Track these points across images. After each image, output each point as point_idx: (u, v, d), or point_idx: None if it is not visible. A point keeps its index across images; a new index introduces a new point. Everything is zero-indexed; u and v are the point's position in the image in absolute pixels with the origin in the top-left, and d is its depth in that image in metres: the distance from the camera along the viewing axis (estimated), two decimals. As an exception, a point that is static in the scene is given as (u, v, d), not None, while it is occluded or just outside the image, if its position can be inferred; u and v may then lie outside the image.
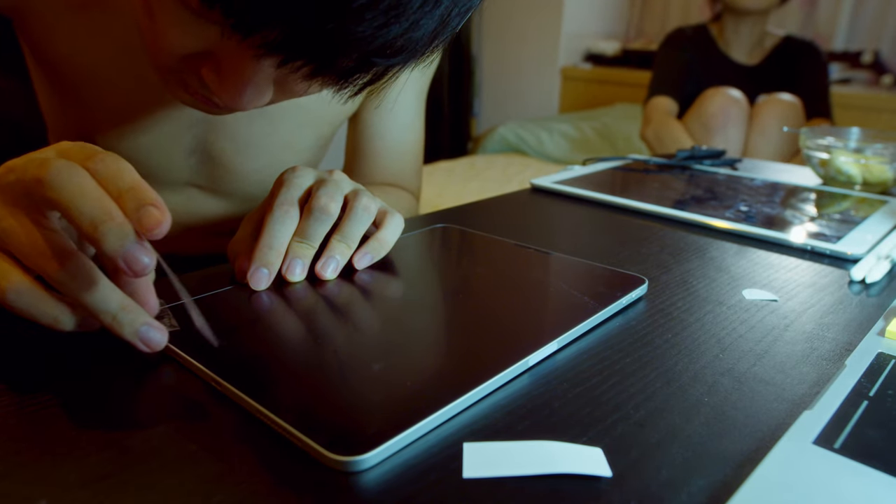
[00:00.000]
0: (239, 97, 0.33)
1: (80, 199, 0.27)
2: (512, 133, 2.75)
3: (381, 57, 0.30)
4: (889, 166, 0.69)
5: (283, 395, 0.27)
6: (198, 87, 0.35)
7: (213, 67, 0.33)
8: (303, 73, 0.30)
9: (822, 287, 0.43)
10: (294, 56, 0.29)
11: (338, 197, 0.41)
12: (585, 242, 0.51)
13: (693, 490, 0.23)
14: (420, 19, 0.28)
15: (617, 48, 3.04)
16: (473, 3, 0.31)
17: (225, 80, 0.32)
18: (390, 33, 0.28)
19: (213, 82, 0.33)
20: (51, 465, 0.24)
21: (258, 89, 0.33)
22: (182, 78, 0.35)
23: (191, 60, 0.33)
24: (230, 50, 0.31)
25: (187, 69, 0.34)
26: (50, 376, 0.30)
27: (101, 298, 0.29)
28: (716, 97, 1.55)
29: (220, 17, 0.28)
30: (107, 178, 0.28)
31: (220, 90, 0.33)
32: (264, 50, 0.29)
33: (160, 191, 0.58)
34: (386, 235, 0.43)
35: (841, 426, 0.26)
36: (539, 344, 0.32)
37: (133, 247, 0.27)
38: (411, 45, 0.29)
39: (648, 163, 0.82)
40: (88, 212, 0.27)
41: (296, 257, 0.39)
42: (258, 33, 0.28)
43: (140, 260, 0.27)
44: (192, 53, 0.33)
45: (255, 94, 0.33)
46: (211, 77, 0.33)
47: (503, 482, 0.23)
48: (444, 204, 2.02)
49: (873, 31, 2.58)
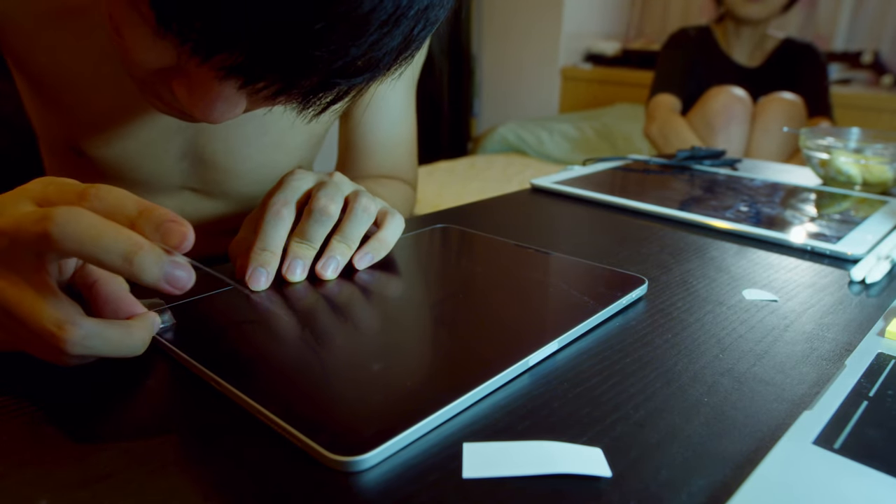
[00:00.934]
0: (209, 112, 0.32)
1: (102, 241, 0.26)
2: (512, 133, 2.75)
3: (343, 77, 0.29)
4: (889, 166, 0.69)
5: (284, 395, 0.27)
6: (171, 100, 0.35)
7: (183, 82, 0.32)
8: (265, 94, 0.30)
9: (822, 287, 0.43)
10: (255, 78, 0.29)
11: (337, 198, 0.41)
12: (585, 242, 0.51)
13: (693, 490, 0.23)
14: (381, 39, 0.28)
15: (617, 48, 3.04)
16: (439, 17, 0.30)
17: (194, 95, 0.32)
18: (350, 54, 0.28)
19: (183, 97, 0.32)
20: (51, 465, 0.24)
21: (229, 103, 0.32)
22: (156, 90, 0.35)
23: (161, 74, 0.33)
24: (196, 67, 0.30)
25: (159, 82, 0.34)
26: (50, 376, 0.29)
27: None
28: (720, 95, 1.56)
29: (178, 40, 0.27)
30: (111, 210, 0.27)
31: (190, 105, 0.32)
32: (225, 72, 0.28)
33: (154, 196, 0.58)
34: (386, 236, 0.43)
35: (841, 426, 0.26)
36: (539, 344, 0.32)
37: (171, 268, 0.27)
38: (373, 63, 0.29)
39: (648, 163, 0.82)
40: (115, 249, 0.26)
41: (296, 258, 0.39)
42: (217, 56, 0.27)
43: (181, 278, 0.27)
44: (161, 68, 0.32)
45: (226, 108, 0.32)
46: (181, 92, 0.32)
47: (503, 482, 0.23)
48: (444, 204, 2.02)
49: (873, 32, 2.58)
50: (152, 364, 0.31)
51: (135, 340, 0.29)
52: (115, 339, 0.28)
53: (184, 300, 0.36)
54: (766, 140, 1.54)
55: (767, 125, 1.53)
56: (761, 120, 1.55)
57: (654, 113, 1.66)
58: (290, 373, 0.29)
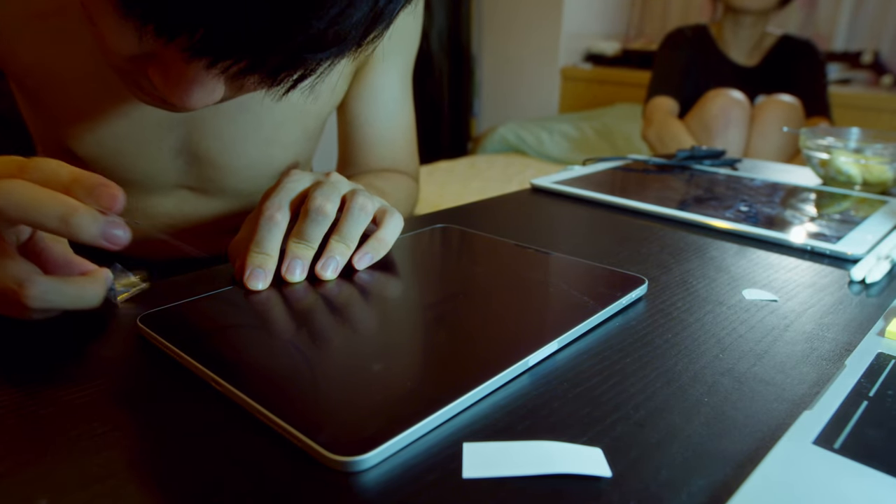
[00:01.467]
0: (187, 97, 0.33)
1: (40, 206, 0.29)
2: (512, 133, 2.75)
3: (310, 52, 0.30)
4: (889, 166, 0.69)
5: (283, 394, 0.27)
6: (150, 88, 0.35)
7: (158, 69, 0.33)
8: (233, 73, 0.30)
9: (822, 287, 0.43)
10: (222, 56, 0.29)
11: (334, 197, 0.41)
12: (585, 242, 0.51)
13: (693, 490, 0.23)
14: (343, 11, 0.28)
15: (617, 48, 3.04)
16: None
17: (170, 81, 0.32)
18: (313, 27, 0.28)
19: (159, 84, 0.33)
20: (51, 465, 0.24)
21: (205, 88, 0.33)
22: (136, 79, 0.36)
23: (137, 62, 0.33)
24: (164, 49, 0.31)
25: (136, 71, 0.34)
26: (50, 376, 0.30)
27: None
28: (717, 99, 1.55)
29: (140, 21, 0.28)
30: (47, 179, 0.30)
31: (167, 91, 0.33)
32: (190, 52, 0.29)
33: (151, 195, 0.58)
34: (385, 235, 0.43)
35: (841, 426, 0.26)
36: (539, 344, 0.32)
37: (108, 227, 0.29)
38: (341, 37, 0.29)
39: (648, 163, 0.82)
40: (52, 213, 0.29)
41: (295, 258, 0.39)
42: (180, 36, 0.28)
43: (119, 236, 0.30)
44: (136, 55, 0.33)
45: (203, 94, 0.33)
46: (157, 79, 0.33)
47: (503, 482, 0.23)
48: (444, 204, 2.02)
49: (873, 31, 2.58)
50: (152, 364, 0.31)
51: (88, 293, 0.33)
52: (71, 292, 0.32)
53: (184, 300, 0.36)
54: (763, 143, 1.54)
55: (765, 128, 1.53)
56: (759, 123, 1.55)
57: (652, 116, 1.66)
58: (289, 373, 0.29)
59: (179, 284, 0.40)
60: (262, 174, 0.59)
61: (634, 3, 3.21)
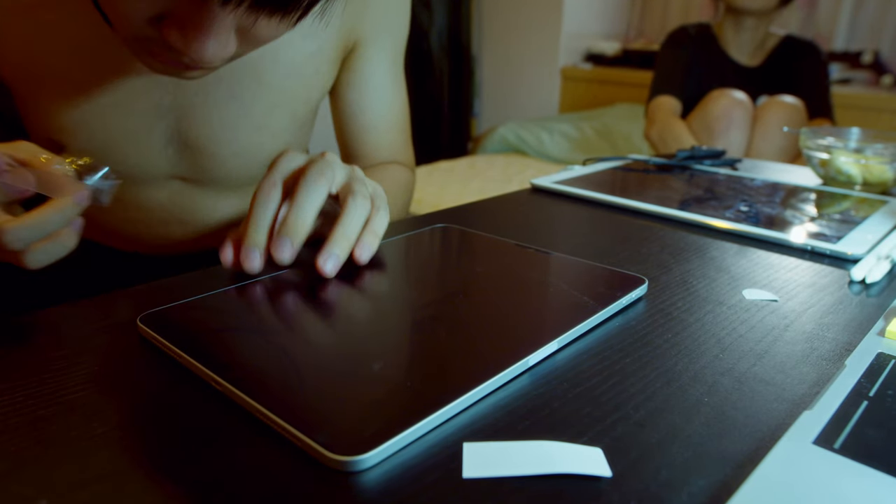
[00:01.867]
0: (203, 50, 0.35)
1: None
2: (512, 133, 2.75)
3: None
4: (889, 166, 0.69)
5: (283, 394, 0.27)
6: (163, 51, 0.37)
7: (174, 25, 0.35)
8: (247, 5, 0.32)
9: (822, 287, 0.43)
10: None
11: (328, 173, 0.41)
12: (585, 242, 0.51)
13: (693, 490, 0.23)
14: None
15: (617, 48, 3.04)
16: None
17: (186, 35, 0.35)
18: None
19: (176, 41, 0.35)
20: (51, 465, 0.24)
21: (220, 40, 0.35)
22: (147, 45, 0.38)
23: (152, 25, 0.35)
24: (183, 5, 0.33)
25: (151, 34, 0.36)
26: (50, 376, 0.30)
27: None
28: (720, 99, 1.55)
29: None
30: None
31: (184, 46, 0.35)
32: None
33: (145, 186, 0.58)
34: (377, 227, 0.43)
35: (841, 426, 0.26)
36: (539, 344, 0.32)
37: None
38: None
39: (648, 163, 0.82)
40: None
41: (285, 235, 0.39)
42: None
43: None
44: (152, 16, 0.35)
45: (217, 46, 0.35)
46: (173, 35, 0.35)
47: (503, 482, 0.23)
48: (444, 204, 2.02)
49: (873, 31, 2.58)
50: (152, 363, 0.31)
51: (65, 212, 0.35)
52: (49, 217, 0.34)
53: (184, 300, 0.36)
54: (765, 144, 1.54)
55: (767, 129, 1.53)
56: (761, 124, 1.54)
57: (654, 116, 1.65)
58: (289, 372, 0.29)
59: (179, 284, 0.40)
60: (253, 162, 0.59)
61: (634, 3, 3.21)
